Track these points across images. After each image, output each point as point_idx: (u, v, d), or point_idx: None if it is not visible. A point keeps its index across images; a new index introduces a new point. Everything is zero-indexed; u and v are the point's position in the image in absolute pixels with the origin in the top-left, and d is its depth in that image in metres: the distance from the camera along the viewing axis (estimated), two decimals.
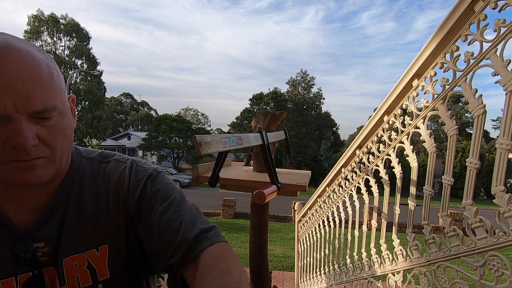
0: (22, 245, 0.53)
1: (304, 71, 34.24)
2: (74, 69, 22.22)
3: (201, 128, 34.95)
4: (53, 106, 0.47)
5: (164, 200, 0.57)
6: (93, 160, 0.62)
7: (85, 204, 0.58)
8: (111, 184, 0.59)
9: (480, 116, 0.95)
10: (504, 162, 0.88)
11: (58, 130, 0.49)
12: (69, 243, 0.55)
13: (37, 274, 0.54)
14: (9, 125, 0.44)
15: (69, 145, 0.54)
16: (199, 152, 0.95)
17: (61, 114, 0.50)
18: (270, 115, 1.78)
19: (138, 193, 0.58)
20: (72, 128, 0.54)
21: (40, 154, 0.47)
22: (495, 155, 0.90)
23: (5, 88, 0.42)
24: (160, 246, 0.54)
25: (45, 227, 0.55)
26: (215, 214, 10.24)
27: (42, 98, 0.45)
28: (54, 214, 0.55)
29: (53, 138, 0.48)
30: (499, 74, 0.89)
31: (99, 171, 0.61)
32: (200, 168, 1.55)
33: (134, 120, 49.20)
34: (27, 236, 0.53)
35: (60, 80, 0.50)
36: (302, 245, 3.10)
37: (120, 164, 0.62)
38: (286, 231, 8.18)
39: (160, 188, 0.59)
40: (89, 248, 0.57)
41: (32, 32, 21.90)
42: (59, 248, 0.55)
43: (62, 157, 0.52)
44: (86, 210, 0.57)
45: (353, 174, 1.82)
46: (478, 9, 0.95)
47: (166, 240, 0.54)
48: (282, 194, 1.44)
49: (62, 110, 0.50)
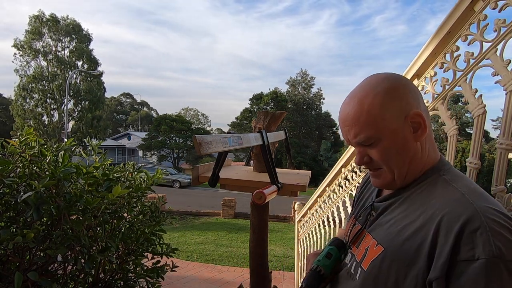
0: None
1: (304, 71, 34.23)
2: (74, 70, 22.23)
3: (201, 128, 34.97)
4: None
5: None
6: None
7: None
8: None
9: (480, 116, 0.95)
10: (504, 162, 0.88)
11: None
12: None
13: (360, 229, 0.70)
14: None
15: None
16: (199, 152, 0.95)
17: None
18: (270, 115, 1.78)
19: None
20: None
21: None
22: (495, 155, 0.90)
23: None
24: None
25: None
26: (215, 214, 10.25)
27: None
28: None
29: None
30: (499, 74, 0.89)
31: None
32: (200, 168, 1.55)
33: (134, 120, 49.20)
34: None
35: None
36: (302, 245, 3.10)
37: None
38: (286, 231, 8.18)
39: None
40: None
41: (32, 32, 21.90)
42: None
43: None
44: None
45: (353, 174, 1.82)
46: (478, 9, 0.95)
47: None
48: (282, 194, 1.44)
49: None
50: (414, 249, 0.53)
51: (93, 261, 1.20)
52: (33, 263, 1.14)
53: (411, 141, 0.61)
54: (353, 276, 0.64)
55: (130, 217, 1.53)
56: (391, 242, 0.57)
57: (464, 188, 0.55)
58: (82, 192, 1.23)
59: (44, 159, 1.19)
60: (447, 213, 0.51)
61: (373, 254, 0.60)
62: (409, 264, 0.53)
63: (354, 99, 0.62)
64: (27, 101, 22.05)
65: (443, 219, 0.51)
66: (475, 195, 0.53)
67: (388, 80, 0.61)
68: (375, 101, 0.59)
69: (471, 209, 0.50)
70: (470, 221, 0.48)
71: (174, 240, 6.29)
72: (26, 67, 22.14)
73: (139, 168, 1.58)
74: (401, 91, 0.60)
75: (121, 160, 29.67)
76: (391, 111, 0.59)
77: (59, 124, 22.45)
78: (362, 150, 0.64)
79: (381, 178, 0.65)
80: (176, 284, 3.66)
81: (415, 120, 0.60)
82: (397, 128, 0.59)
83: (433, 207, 0.55)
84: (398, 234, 0.57)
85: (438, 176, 0.61)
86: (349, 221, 0.81)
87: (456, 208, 0.51)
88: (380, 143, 0.61)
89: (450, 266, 0.48)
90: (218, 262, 4.85)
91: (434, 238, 0.51)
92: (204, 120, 45.86)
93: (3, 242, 0.96)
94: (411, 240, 0.54)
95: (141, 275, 1.51)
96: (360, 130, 0.61)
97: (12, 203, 1.10)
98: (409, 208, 0.60)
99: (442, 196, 0.56)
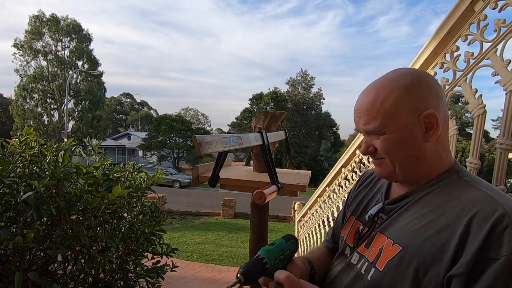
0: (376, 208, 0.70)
1: (304, 71, 34.24)
2: (74, 70, 22.24)
3: (201, 128, 34.96)
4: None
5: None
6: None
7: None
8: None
9: (480, 116, 0.95)
10: (504, 162, 0.88)
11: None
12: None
13: (367, 231, 0.68)
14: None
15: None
16: (199, 152, 0.95)
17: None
18: (270, 115, 1.78)
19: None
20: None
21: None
22: (495, 155, 0.90)
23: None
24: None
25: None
26: (215, 214, 10.24)
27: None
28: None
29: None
30: (499, 74, 0.89)
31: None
32: (200, 168, 1.55)
33: (134, 120, 49.20)
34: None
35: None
36: (302, 245, 3.10)
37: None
38: (286, 231, 8.17)
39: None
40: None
41: (32, 32, 21.91)
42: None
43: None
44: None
45: (353, 174, 1.81)
46: (478, 9, 0.95)
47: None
48: (282, 194, 1.44)
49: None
50: (437, 247, 0.52)
51: (93, 261, 1.20)
52: (33, 263, 1.14)
53: (420, 140, 0.60)
54: (363, 277, 0.63)
55: (130, 217, 1.52)
56: (410, 241, 0.57)
57: (488, 189, 0.55)
58: (82, 192, 1.23)
59: (44, 159, 1.19)
60: (478, 212, 0.51)
61: (390, 254, 0.59)
62: (430, 263, 0.52)
63: (373, 90, 0.63)
64: (27, 101, 22.08)
65: (473, 218, 0.51)
66: (500, 196, 0.53)
67: (411, 76, 0.61)
68: (391, 94, 0.60)
69: (501, 209, 0.50)
70: (501, 220, 0.48)
71: (174, 240, 6.29)
72: (26, 67, 22.20)
73: (139, 168, 1.58)
74: (421, 89, 0.60)
75: (121, 160, 29.67)
76: (405, 106, 0.59)
77: (59, 124, 22.46)
78: (369, 140, 0.65)
79: (382, 167, 0.66)
80: (176, 284, 3.65)
81: (428, 120, 0.59)
82: (408, 124, 0.59)
83: (457, 207, 0.54)
84: (417, 233, 0.56)
85: (457, 177, 0.60)
86: (348, 220, 0.79)
87: (485, 208, 0.51)
88: (387, 135, 0.61)
89: (475, 264, 0.48)
90: (218, 262, 4.85)
91: (462, 237, 0.50)
92: (204, 120, 45.88)
93: (3, 242, 0.96)
94: (433, 238, 0.53)
95: (141, 275, 1.51)
96: (371, 119, 0.62)
97: (12, 203, 1.10)
98: (426, 207, 0.59)
99: (466, 196, 0.55)
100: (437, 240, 0.53)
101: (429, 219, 0.57)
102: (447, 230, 0.53)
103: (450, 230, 0.52)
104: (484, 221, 0.49)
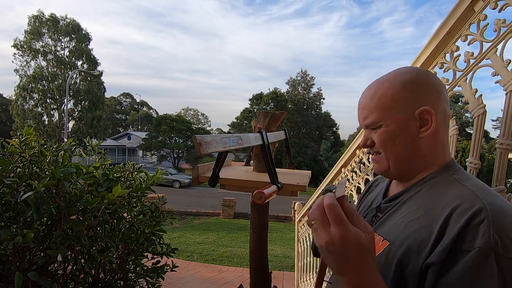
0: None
1: (304, 71, 34.23)
2: (74, 69, 22.23)
3: (201, 128, 34.96)
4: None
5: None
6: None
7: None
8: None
9: (480, 116, 0.95)
10: (504, 162, 0.89)
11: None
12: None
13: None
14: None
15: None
16: (199, 152, 0.95)
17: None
18: (270, 115, 1.78)
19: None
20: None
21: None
22: (495, 155, 0.90)
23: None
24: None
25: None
26: (215, 214, 10.25)
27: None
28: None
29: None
30: (499, 74, 0.89)
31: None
32: (200, 168, 1.55)
33: (134, 120, 49.18)
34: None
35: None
36: (302, 245, 3.10)
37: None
38: (286, 231, 8.19)
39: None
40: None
41: (32, 32, 21.90)
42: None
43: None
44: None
45: (353, 174, 1.82)
46: (478, 9, 0.95)
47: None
48: (282, 194, 1.44)
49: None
50: (420, 240, 0.54)
51: (93, 261, 1.20)
52: (33, 263, 1.14)
53: (415, 135, 0.62)
54: None
55: (130, 217, 1.52)
56: (396, 236, 0.59)
57: (473, 186, 0.57)
58: (82, 192, 1.23)
59: (44, 159, 1.19)
60: (458, 207, 0.52)
61: (378, 250, 0.61)
62: (411, 255, 0.54)
63: (374, 86, 0.66)
64: (27, 101, 22.04)
65: (452, 212, 0.52)
66: (484, 192, 0.54)
67: (411, 73, 0.64)
68: (389, 89, 0.63)
69: (479, 203, 0.51)
70: (477, 214, 0.50)
71: (174, 240, 6.29)
72: (26, 67, 22.15)
73: (139, 168, 1.57)
74: (419, 86, 0.62)
75: (121, 160, 29.66)
76: (401, 101, 0.62)
77: (59, 124, 22.44)
78: (368, 133, 0.68)
79: (379, 163, 0.68)
80: (176, 284, 3.66)
81: (423, 116, 0.61)
82: (403, 119, 0.62)
83: (441, 203, 0.56)
84: (404, 228, 0.59)
85: (448, 175, 0.62)
86: None
87: (465, 203, 0.52)
88: (383, 128, 0.64)
89: (449, 254, 0.49)
90: (218, 262, 4.85)
91: (440, 230, 0.52)
92: (204, 120, 45.88)
93: (3, 242, 0.96)
94: (417, 232, 0.55)
95: (141, 275, 1.51)
96: (369, 113, 0.65)
97: (12, 203, 1.10)
98: (416, 204, 0.61)
99: (451, 193, 0.57)
100: (419, 235, 0.55)
101: (417, 214, 0.59)
102: (430, 225, 0.55)
103: (434, 224, 0.54)
104: (462, 215, 0.51)
